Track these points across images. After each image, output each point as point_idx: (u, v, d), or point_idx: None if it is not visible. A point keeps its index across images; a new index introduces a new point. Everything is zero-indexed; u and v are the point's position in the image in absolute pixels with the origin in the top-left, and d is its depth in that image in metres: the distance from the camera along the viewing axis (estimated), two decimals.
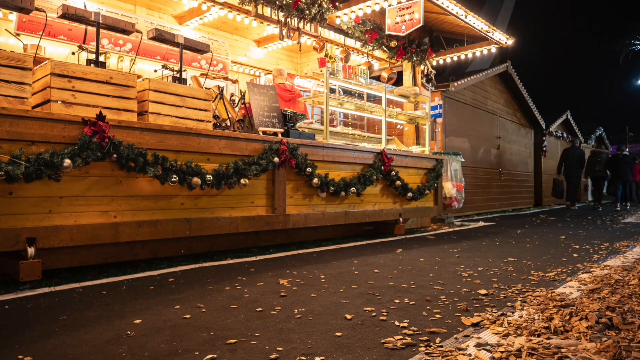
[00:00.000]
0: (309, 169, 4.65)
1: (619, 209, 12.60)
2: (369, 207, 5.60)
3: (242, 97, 4.91)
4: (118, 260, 3.59)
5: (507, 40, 7.91)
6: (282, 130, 4.78)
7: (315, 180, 4.73)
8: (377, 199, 5.76)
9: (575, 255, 4.31)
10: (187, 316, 2.18)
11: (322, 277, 3.20)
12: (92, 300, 2.49)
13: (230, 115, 4.64)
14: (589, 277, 3.12)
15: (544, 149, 15.41)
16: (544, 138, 15.34)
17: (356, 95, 7.83)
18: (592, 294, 2.59)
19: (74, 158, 2.97)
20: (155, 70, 4.74)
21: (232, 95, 5.21)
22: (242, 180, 4.01)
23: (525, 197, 14.30)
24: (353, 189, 5.19)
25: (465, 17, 6.99)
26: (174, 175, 3.48)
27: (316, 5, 6.10)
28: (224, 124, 4.47)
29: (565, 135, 17.61)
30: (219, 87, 4.78)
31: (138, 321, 2.09)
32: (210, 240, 4.25)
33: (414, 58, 7.68)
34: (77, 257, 3.34)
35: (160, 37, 3.93)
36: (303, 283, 2.99)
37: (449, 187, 7.32)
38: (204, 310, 2.30)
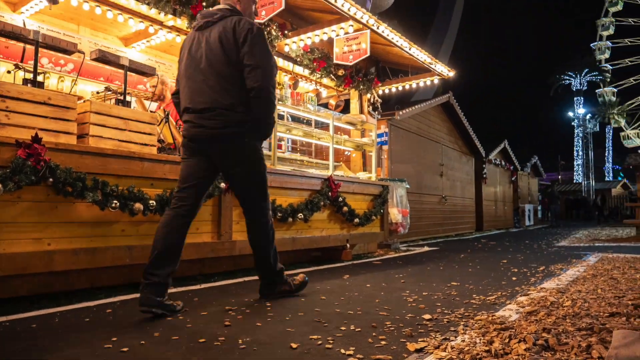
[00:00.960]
0: None
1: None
2: (316, 233, 5.61)
3: None
4: (52, 290, 3.39)
5: (449, 72, 8.28)
6: None
7: None
8: (325, 225, 5.78)
9: (514, 278, 4.48)
10: (125, 349, 2.08)
11: (268, 305, 3.15)
12: (20, 335, 2.32)
13: (175, 140, 4.56)
14: (526, 299, 3.25)
15: (484, 176, 16.09)
16: (484, 166, 16.03)
17: (305, 121, 7.91)
18: (530, 317, 2.69)
19: (5, 182, 2.81)
20: (98, 92, 4.60)
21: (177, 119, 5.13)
22: None
23: (468, 222, 14.81)
24: (300, 215, 5.19)
25: (410, 49, 7.28)
26: (115, 201, 3.35)
27: (265, 33, 6.16)
28: (169, 148, 4.38)
29: (503, 163, 18.48)
30: (164, 110, 4.69)
31: (69, 357, 1.97)
32: None
33: (361, 87, 7.88)
34: (7, 287, 3.12)
35: (104, 58, 3.83)
36: (248, 311, 2.93)
37: (395, 213, 7.47)
38: (142, 342, 2.20)
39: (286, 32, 6.57)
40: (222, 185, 4.24)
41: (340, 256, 6.17)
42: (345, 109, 8.35)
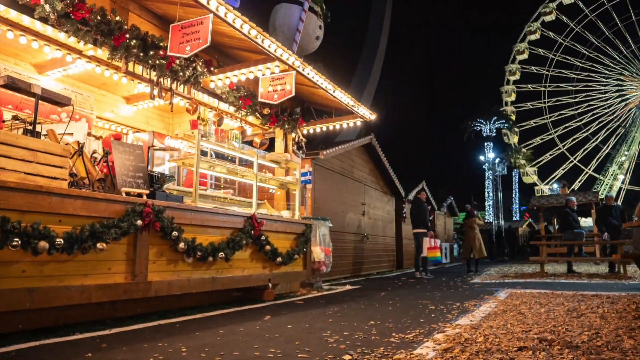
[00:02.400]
0: (175, 233, 4.45)
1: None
2: (237, 273, 5.48)
3: (105, 154, 4.63)
4: None
5: (371, 115, 8.63)
6: (147, 191, 4.56)
7: (182, 244, 4.53)
8: (247, 264, 5.67)
9: (432, 315, 4.61)
10: None
11: (184, 350, 3.00)
12: None
13: (89, 174, 4.32)
14: (443, 337, 3.35)
15: (404, 215, 16.66)
16: (403, 205, 16.62)
17: (229, 158, 7.84)
18: (446, 354, 2.77)
19: None
20: (4, 121, 4.29)
21: (93, 152, 4.88)
22: (98, 245, 3.69)
23: (389, 260, 15.17)
24: (221, 254, 5.06)
25: (334, 92, 7.52)
26: (16, 239, 3.09)
27: (191, 69, 6.12)
28: (81, 183, 4.14)
29: None
30: (78, 142, 4.46)
31: None
32: (57, 312, 3.77)
33: (286, 126, 7.98)
34: None
35: (13, 84, 3.61)
36: (162, 358, 2.77)
37: (318, 252, 7.49)
38: None
39: (212, 68, 6.56)
40: (139, 222, 4.05)
41: (262, 296, 6.05)
42: (270, 148, 8.38)
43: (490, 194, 53.10)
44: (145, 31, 5.40)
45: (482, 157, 52.69)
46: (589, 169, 52.85)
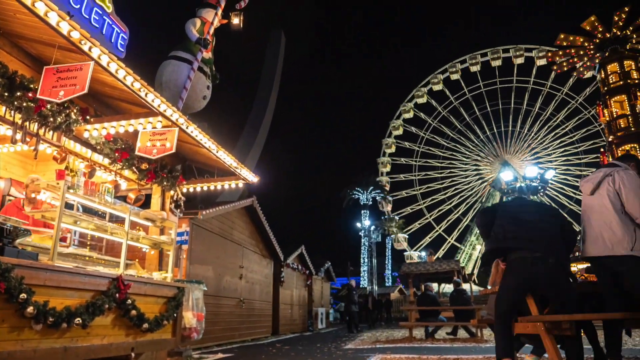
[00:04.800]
0: (23, 295, 3.92)
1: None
2: (96, 341, 4.93)
3: None
4: None
5: (253, 178, 8.66)
6: None
7: (30, 309, 4.00)
8: (108, 331, 5.14)
9: None
10: None
11: None
12: None
13: None
14: None
15: (282, 279, 16.58)
16: (282, 269, 16.57)
17: (99, 214, 7.26)
18: None
19: None
20: None
21: None
22: None
23: (265, 325, 14.79)
24: (78, 320, 4.54)
25: (217, 152, 7.47)
26: None
27: (63, 115, 5.70)
28: None
29: (300, 267, 19.40)
30: None
31: None
32: None
33: (165, 183, 7.68)
34: None
35: None
36: None
37: (190, 317, 7.07)
38: None
39: (88, 117, 6.18)
40: None
41: None
42: (146, 204, 7.95)
43: (366, 260, 55.24)
44: (15, 70, 4.98)
45: (358, 224, 55.08)
46: (452, 239, 57.87)
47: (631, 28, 28.44)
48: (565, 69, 33.37)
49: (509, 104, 56.25)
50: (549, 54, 32.29)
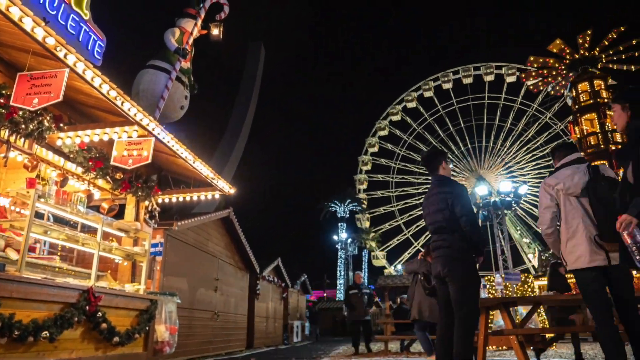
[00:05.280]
0: None
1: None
2: (64, 355, 4.79)
3: None
4: None
5: (230, 190, 8.60)
6: None
7: None
8: (76, 345, 5.00)
9: None
10: None
11: None
12: None
13: None
14: None
15: (258, 292, 16.41)
16: (257, 282, 16.41)
17: (71, 223, 7.09)
18: None
19: None
20: None
21: None
22: None
23: (239, 339, 14.58)
24: (45, 333, 4.40)
25: (194, 162, 7.40)
26: None
27: (36, 122, 5.57)
28: None
29: (276, 279, 19.25)
30: None
31: None
32: None
33: (140, 193, 7.56)
34: None
35: None
36: None
37: (162, 331, 6.93)
38: None
39: (62, 125, 6.07)
40: None
41: None
42: (120, 214, 7.81)
43: (342, 273, 55.20)
44: None
45: (335, 237, 55.16)
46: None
47: (598, 49, 29.46)
48: (542, 88, 34.22)
49: (482, 120, 57.49)
50: (523, 75, 33.14)
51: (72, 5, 5.86)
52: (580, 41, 29.79)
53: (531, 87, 35.92)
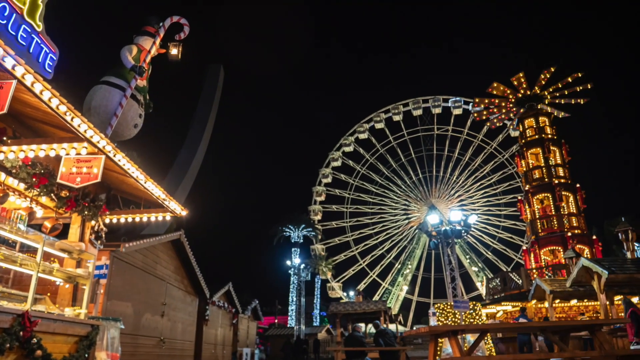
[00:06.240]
0: None
1: None
2: None
3: None
4: None
5: (182, 211, 8.39)
6: None
7: None
8: None
9: None
10: None
11: None
12: None
13: None
14: None
15: (207, 317, 15.95)
16: (207, 307, 15.97)
17: (9, 242, 6.69)
18: None
19: None
20: None
21: None
22: None
23: None
24: None
25: (145, 182, 7.20)
26: None
27: None
28: None
29: (226, 305, 18.80)
30: None
31: None
32: None
33: (86, 212, 7.25)
34: None
35: None
36: None
37: (103, 358, 6.59)
38: None
39: (5, 138, 5.78)
40: None
41: None
42: (63, 234, 7.44)
43: (294, 299, 54.60)
44: None
45: (289, 262, 54.72)
46: (386, 283, 58.79)
47: (550, 89, 31.12)
48: (484, 117, 35.58)
49: (431, 151, 59.35)
50: (477, 100, 34.36)
51: (24, 16, 5.66)
52: (542, 77, 31.35)
53: (476, 115, 37.33)
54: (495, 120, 34.69)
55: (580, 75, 31.11)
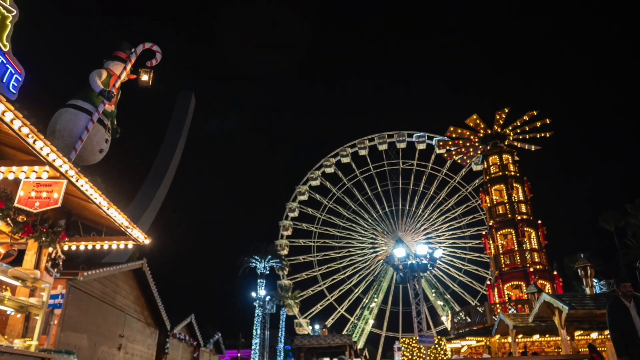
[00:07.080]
0: None
1: None
2: None
3: None
4: None
5: (145, 240, 8.17)
6: None
7: None
8: None
9: None
10: None
11: None
12: None
13: None
14: None
15: (166, 351, 15.37)
16: (167, 339, 15.42)
17: None
18: None
19: None
20: None
21: None
22: None
23: None
24: None
25: (108, 209, 7.01)
26: None
27: None
28: None
29: (187, 337, 18.20)
30: None
31: None
32: None
33: (43, 238, 6.97)
34: None
35: None
36: None
37: None
38: None
39: None
40: None
41: None
42: (18, 261, 7.11)
43: (258, 332, 53.41)
44: None
45: (254, 294, 53.76)
46: (354, 318, 58.19)
47: (510, 127, 32.38)
48: (455, 157, 36.66)
49: (397, 185, 60.19)
50: (441, 143, 35.40)
51: None
52: (497, 117, 32.60)
53: (445, 155, 38.29)
54: (459, 161, 35.72)
55: (535, 114, 32.54)
